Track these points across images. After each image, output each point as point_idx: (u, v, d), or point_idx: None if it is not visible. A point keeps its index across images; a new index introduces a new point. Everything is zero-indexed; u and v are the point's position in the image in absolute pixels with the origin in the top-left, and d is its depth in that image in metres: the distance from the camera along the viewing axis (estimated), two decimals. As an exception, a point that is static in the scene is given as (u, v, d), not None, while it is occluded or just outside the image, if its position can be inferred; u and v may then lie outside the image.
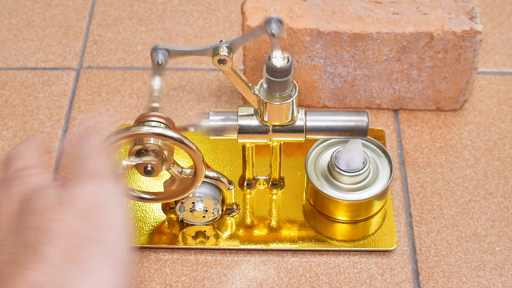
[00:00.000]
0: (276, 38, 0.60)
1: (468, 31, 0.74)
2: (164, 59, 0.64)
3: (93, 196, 0.48)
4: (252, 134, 0.67)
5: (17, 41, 0.90)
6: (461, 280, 0.69)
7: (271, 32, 0.60)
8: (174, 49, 0.64)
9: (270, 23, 0.60)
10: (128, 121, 0.82)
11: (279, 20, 0.60)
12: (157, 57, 0.63)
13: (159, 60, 0.63)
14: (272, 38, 0.61)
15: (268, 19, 0.60)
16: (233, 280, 0.69)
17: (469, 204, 0.75)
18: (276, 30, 0.60)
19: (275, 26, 0.60)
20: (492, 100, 0.83)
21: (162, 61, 0.63)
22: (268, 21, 0.60)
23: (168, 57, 0.64)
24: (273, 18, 0.60)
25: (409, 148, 0.79)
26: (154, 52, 0.64)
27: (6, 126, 0.81)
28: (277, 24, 0.60)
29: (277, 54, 0.62)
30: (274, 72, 0.62)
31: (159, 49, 0.64)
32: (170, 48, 0.64)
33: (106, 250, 0.46)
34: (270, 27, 0.60)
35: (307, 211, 0.74)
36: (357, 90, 0.81)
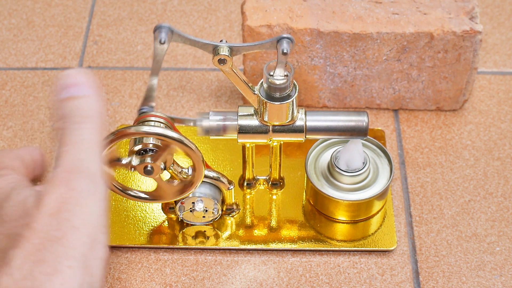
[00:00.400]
0: (285, 57, 0.61)
1: (468, 31, 0.74)
2: (167, 39, 0.63)
3: (65, 194, 0.47)
4: (252, 134, 0.67)
5: (17, 41, 0.90)
6: (461, 280, 0.69)
7: (283, 51, 0.61)
8: (178, 31, 0.63)
9: (283, 42, 0.61)
10: (128, 121, 0.82)
11: (291, 39, 0.61)
12: (160, 36, 0.63)
13: (162, 38, 0.62)
14: (281, 56, 0.61)
15: (281, 37, 0.62)
16: (233, 280, 0.69)
17: (469, 204, 0.75)
18: (288, 49, 0.61)
19: (287, 45, 0.61)
20: (492, 100, 0.83)
21: (165, 40, 0.62)
22: (281, 39, 0.61)
23: (171, 37, 0.63)
24: (285, 38, 0.61)
25: (409, 148, 0.79)
26: (157, 30, 0.63)
27: (6, 126, 0.81)
28: (289, 43, 0.61)
29: (279, 72, 0.63)
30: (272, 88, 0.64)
31: (163, 27, 0.63)
32: (175, 30, 0.63)
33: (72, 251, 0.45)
34: (282, 46, 0.61)
35: (307, 211, 0.74)
36: (357, 90, 0.81)
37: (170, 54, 0.88)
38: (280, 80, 0.63)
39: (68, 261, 0.45)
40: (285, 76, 0.64)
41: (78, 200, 0.47)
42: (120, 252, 0.71)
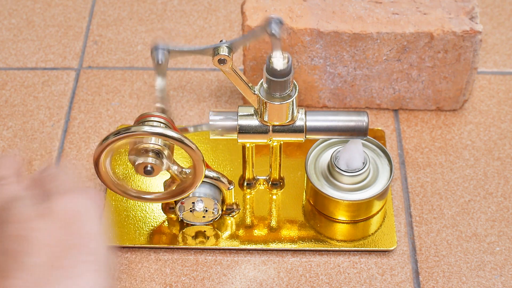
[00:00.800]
0: (277, 39, 0.60)
1: (468, 31, 0.74)
2: (164, 58, 0.63)
3: (71, 207, 0.49)
4: (252, 134, 0.67)
5: (17, 41, 0.90)
6: (461, 280, 0.69)
7: (272, 32, 0.60)
8: (174, 48, 0.64)
9: (271, 23, 0.60)
10: (128, 121, 0.82)
11: (279, 20, 0.60)
12: (157, 57, 0.63)
13: (159, 59, 0.63)
14: (273, 39, 0.60)
15: (269, 19, 0.60)
16: (233, 280, 0.69)
17: (469, 204, 0.75)
18: (277, 31, 0.60)
19: (276, 27, 0.60)
20: (492, 100, 0.83)
21: (162, 61, 0.63)
22: (269, 21, 0.60)
23: (168, 56, 0.64)
24: (273, 19, 0.60)
25: (409, 148, 0.79)
26: (154, 51, 0.64)
27: (6, 126, 0.81)
28: (278, 24, 0.60)
29: (277, 55, 0.62)
30: (274, 73, 0.62)
31: (159, 48, 0.64)
32: (171, 48, 0.64)
33: (88, 256, 0.47)
34: (270, 27, 0.60)
35: (307, 211, 0.74)
36: (357, 90, 0.81)
37: (170, 54, 0.88)
38: (280, 61, 0.62)
39: (85, 265, 0.47)
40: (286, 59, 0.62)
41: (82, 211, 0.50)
42: (120, 252, 0.71)
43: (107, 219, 0.73)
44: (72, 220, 0.48)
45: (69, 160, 0.57)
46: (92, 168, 0.77)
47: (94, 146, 0.79)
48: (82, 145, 0.79)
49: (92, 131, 0.81)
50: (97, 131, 0.81)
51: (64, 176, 0.52)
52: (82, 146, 0.79)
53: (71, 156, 0.78)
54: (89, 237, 0.48)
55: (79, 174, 0.55)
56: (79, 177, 0.55)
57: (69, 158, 0.78)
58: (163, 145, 0.63)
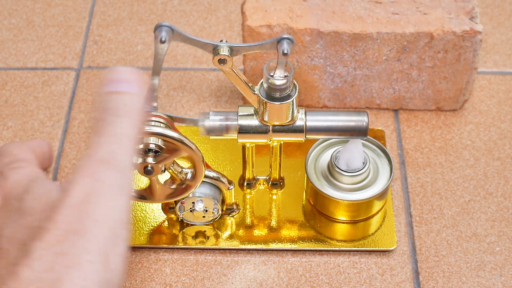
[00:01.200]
0: (285, 57, 0.61)
1: (468, 31, 0.74)
2: (168, 37, 0.63)
3: (90, 186, 0.46)
4: (252, 134, 0.67)
5: (17, 41, 0.90)
6: (461, 280, 0.69)
7: (283, 51, 0.61)
8: (178, 30, 0.63)
9: (283, 42, 0.61)
10: (128, 121, 0.82)
11: (291, 40, 0.61)
12: (161, 34, 0.63)
13: (162, 37, 0.62)
14: (281, 57, 0.61)
15: (281, 38, 0.61)
16: (233, 280, 0.69)
17: (469, 204, 0.75)
18: (288, 50, 0.61)
19: (287, 46, 0.61)
20: (492, 100, 0.83)
21: (165, 38, 0.62)
22: (281, 40, 0.61)
23: (172, 36, 0.63)
24: (285, 38, 0.61)
25: (409, 148, 0.79)
26: (157, 29, 0.63)
27: (6, 126, 0.81)
28: (289, 44, 0.61)
29: (279, 73, 0.63)
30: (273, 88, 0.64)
31: (163, 26, 0.63)
32: (175, 28, 0.63)
33: (93, 245, 0.45)
34: (282, 46, 0.61)
35: (307, 211, 0.74)
36: (357, 90, 0.81)
37: (170, 54, 0.88)
38: (280, 80, 0.63)
39: (88, 254, 0.45)
40: (285, 76, 0.64)
41: (103, 192, 0.47)
42: (120, 252, 0.71)
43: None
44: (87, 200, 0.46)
45: None
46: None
47: None
48: (82, 145, 0.79)
49: (92, 131, 0.81)
50: (97, 131, 0.81)
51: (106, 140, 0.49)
52: (82, 146, 0.79)
53: (71, 156, 0.78)
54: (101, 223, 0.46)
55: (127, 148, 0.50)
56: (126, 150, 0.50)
57: (69, 158, 0.78)
58: (163, 145, 0.63)
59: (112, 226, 0.46)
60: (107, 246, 0.45)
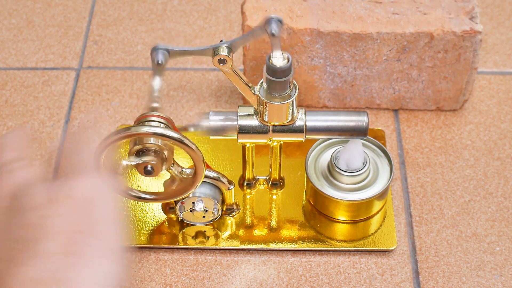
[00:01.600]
0: (276, 38, 0.60)
1: (468, 31, 0.74)
2: (164, 59, 0.64)
3: (88, 190, 0.48)
4: (252, 134, 0.67)
5: (17, 41, 0.90)
6: (461, 280, 0.69)
7: (271, 32, 0.60)
8: (174, 49, 0.64)
9: (270, 23, 0.60)
10: (128, 121, 0.82)
11: (279, 20, 0.60)
12: (157, 57, 0.63)
13: (159, 60, 0.63)
14: (272, 38, 0.61)
15: (268, 19, 0.60)
16: (233, 280, 0.69)
17: (469, 204, 0.75)
18: (276, 30, 0.60)
19: (275, 26, 0.60)
20: (492, 100, 0.83)
21: (162, 61, 0.63)
22: (268, 21, 0.60)
23: (168, 57, 0.64)
24: (273, 18, 0.60)
25: (409, 148, 0.79)
26: (154, 52, 0.64)
27: (6, 126, 0.81)
28: (277, 24, 0.60)
29: (277, 54, 0.62)
30: (274, 72, 0.62)
31: (159, 49, 0.64)
32: (170, 48, 0.64)
33: (103, 243, 0.47)
34: (270, 27, 0.60)
35: (307, 211, 0.74)
36: (357, 90, 0.81)
37: (170, 54, 0.88)
38: (279, 61, 0.62)
39: (99, 251, 0.46)
40: (286, 58, 0.62)
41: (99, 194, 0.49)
42: (120, 252, 0.71)
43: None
44: (86, 204, 0.48)
45: None
46: (92, 168, 0.77)
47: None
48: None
49: (92, 131, 0.81)
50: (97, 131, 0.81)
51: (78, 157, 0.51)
52: (82, 146, 0.79)
53: (71, 156, 0.78)
54: (103, 222, 0.48)
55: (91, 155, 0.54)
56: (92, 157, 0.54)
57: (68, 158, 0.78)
58: (163, 145, 0.63)
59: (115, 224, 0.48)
60: (113, 243, 0.47)
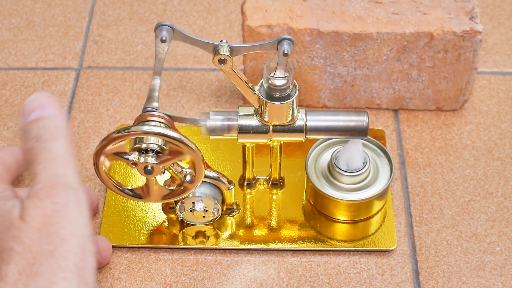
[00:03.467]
0: (286, 58, 0.61)
1: (468, 31, 0.74)
2: (168, 37, 0.63)
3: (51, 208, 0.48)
4: (252, 134, 0.67)
5: (17, 41, 0.90)
6: (461, 280, 0.69)
7: (284, 52, 0.61)
8: (179, 30, 0.63)
9: (283, 43, 0.61)
10: (128, 121, 0.82)
11: (291, 40, 0.61)
12: (161, 33, 0.63)
13: (163, 36, 0.63)
14: (281, 57, 0.61)
15: (281, 38, 0.61)
16: (233, 280, 0.69)
17: (469, 204, 0.75)
18: (288, 50, 0.61)
19: (287, 47, 0.61)
20: (492, 100, 0.83)
21: (166, 38, 0.62)
22: (281, 40, 0.61)
23: (173, 35, 0.63)
24: (286, 39, 0.61)
25: (409, 148, 0.79)
26: (158, 28, 0.63)
27: (6, 126, 0.81)
28: (290, 45, 0.61)
29: (279, 73, 0.63)
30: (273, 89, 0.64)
31: (164, 25, 0.63)
32: (175, 27, 0.63)
33: (67, 263, 0.46)
34: (283, 47, 0.61)
35: (307, 211, 0.74)
36: (357, 90, 0.81)
37: (170, 54, 0.88)
38: (280, 81, 0.63)
39: (63, 272, 0.46)
40: (285, 77, 0.64)
41: (64, 212, 0.48)
42: (120, 252, 0.71)
43: (107, 219, 0.73)
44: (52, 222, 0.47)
45: None
46: (92, 168, 0.77)
47: (94, 146, 0.79)
48: (82, 145, 0.79)
49: (92, 131, 0.81)
50: (97, 131, 0.81)
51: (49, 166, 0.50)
52: (82, 146, 0.79)
53: (71, 156, 0.78)
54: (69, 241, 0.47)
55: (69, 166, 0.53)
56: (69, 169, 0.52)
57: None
58: (163, 145, 0.63)
59: (80, 242, 0.48)
60: (78, 262, 0.47)
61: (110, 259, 0.69)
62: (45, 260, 0.46)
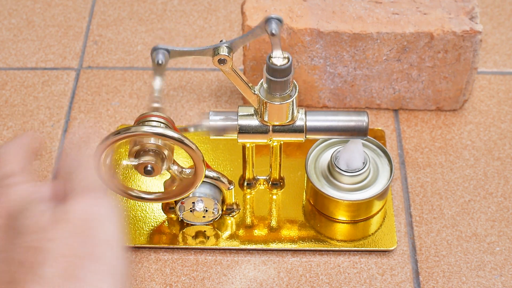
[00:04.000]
0: (276, 37, 0.60)
1: (468, 31, 0.74)
2: (164, 59, 0.64)
3: (87, 211, 0.48)
4: (252, 134, 0.67)
5: (17, 41, 0.90)
6: (461, 280, 0.69)
7: (271, 31, 0.60)
8: (174, 49, 0.64)
9: (270, 22, 0.60)
10: (128, 121, 0.82)
11: (278, 19, 0.60)
12: (157, 57, 0.63)
13: (159, 60, 0.63)
14: (272, 38, 0.61)
15: (268, 18, 0.60)
16: (233, 280, 0.69)
17: (469, 204, 0.75)
18: (276, 29, 0.60)
19: (275, 26, 0.60)
20: (492, 100, 0.83)
21: (162, 61, 0.63)
22: (268, 20, 0.60)
23: (168, 57, 0.64)
24: (272, 18, 0.60)
25: (409, 148, 0.79)
26: (154, 52, 0.64)
27: (6, 126, 0.81)
28: (277, 23, 0.60)
29: (277, 54, 0.62)
30: (274, 72, 0.62)
31: (159, 49, 0.64)
32: (170, 48, 0.64)
33: (103, 266, 0.47)
34: (270, 26, 0.60)
35: (307, 211, 0.74)
36: (357, 90, 0.81)
37: (170, 54, 0.88)
38: (279, 60, 0.62)
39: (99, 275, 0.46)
40: (286, 58, 0.63)
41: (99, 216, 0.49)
42: (120, 252, 0.71)
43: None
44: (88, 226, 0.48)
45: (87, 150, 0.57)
46: (92, 168, 0.77)
47: (94, 146, 0.79)
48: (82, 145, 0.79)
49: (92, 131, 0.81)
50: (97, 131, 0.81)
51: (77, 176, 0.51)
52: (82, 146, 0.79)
53: (71, 156, 0.78)
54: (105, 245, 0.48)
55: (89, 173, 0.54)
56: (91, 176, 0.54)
57: (69, 158, 0.78)
58: (163, 145, 0.63)
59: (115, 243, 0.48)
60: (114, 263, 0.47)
61: None
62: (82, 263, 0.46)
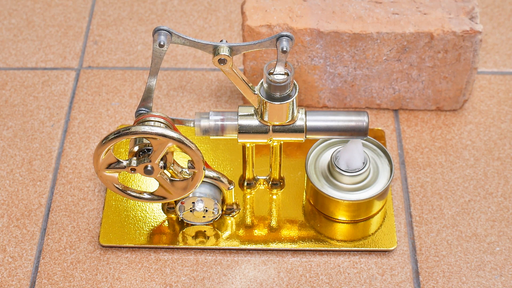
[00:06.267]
0: (284, 55, 0.61)
1: (468, 31, 0.74)
2: (166, 41, 0.63)
3: None
4: (252, 134, 0.67)
5: (17, 41, 0.90)
6: (461, 280, 0.69)
7: (282, 48, 0.61)
8: (177, 33, 0.63)
9: (282, 40, 0.61)
10: (128, 121, 0.82)
11: (289, 36, 0.61)
12: (159, 38, 0.63)
13: (161, 41, 0.62)
14: (281, 54, 0.61)
15: (280, 35, 0.61)
16: (233, 280, 0.69)
17: (469, 204, 0.75)
18: (287, 47, 0.61)
19: (286, 43, 0.61)
20: (492, 100, 0.84)
21: (164, 43, 0.62)
22: (280, 37, 0.61)
23: (171, 39, 0.63)
24: (284, 35, 0.61)
25: (409, 148, 0.79)
26: (156, 33, 0.63)
27: (6, 126, 0.81)
28: (288, 41, 0.61)
29: (279, 70, 0.63)
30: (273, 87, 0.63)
31: (162, 29, 0.63)
32: (173, 31, 0.63)
33: None
34: (281, 43, 0.61)
35: (307, 211, 0.74)
36: (357, 90, 0.81)
37: (170, 54, 0.88)
38: (280, 77, 0.63)
39: None
40: (285, 74, 0.63)
41: None
42: (120, 252, 0.71)
43: (107, 219, 0.73)
44: None
45: None
46: (92, 168, 0.77)
47: (94, 146, 0.79)
48: (82, 145, 0.79)
49: (92, 131, 0.81)
50: (97, 131, 0.81)
51: None
52: (82, 146, 0.79)
53: (71, 156, 0.78)
54: None
55: None
56: None
57: (68, 158, 0.78)
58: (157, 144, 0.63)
59: None
60: None
61: (111, 259, 0.69)
62: None
